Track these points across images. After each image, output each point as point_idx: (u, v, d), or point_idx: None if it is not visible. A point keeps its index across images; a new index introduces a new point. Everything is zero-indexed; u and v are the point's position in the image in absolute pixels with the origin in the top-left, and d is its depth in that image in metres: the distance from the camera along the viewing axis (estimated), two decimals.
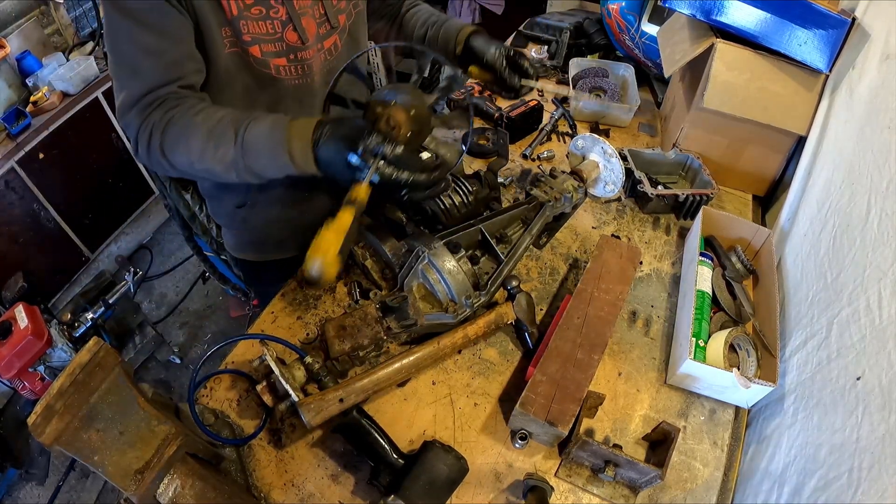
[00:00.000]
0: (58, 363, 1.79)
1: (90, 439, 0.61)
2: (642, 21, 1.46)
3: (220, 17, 0.81)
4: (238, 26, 0.82)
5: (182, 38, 0.80)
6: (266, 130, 0.76)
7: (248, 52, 0.85)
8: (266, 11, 0.83)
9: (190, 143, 0.79)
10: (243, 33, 0.83)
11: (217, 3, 0.80)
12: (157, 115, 0.80)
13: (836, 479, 0.62)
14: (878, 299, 0.66)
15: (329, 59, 0.96)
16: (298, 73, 0.92)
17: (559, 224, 1.11)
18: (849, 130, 0.91)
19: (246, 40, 0.84)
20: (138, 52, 0.78)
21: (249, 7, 0.82)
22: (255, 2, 0.82)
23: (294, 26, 0.87)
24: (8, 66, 2.14)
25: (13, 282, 2.07)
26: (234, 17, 0.81)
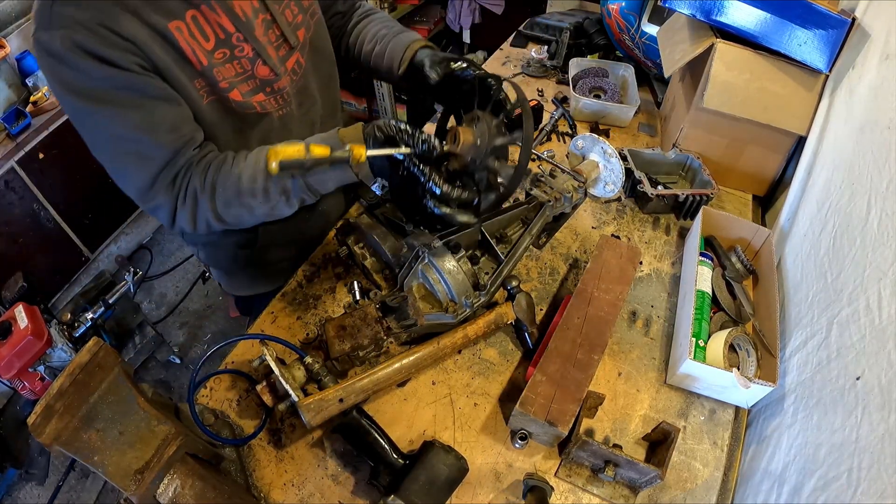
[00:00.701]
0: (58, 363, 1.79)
1: (90, 439, 0.61)
2: (642, 21, 1.46)
3: (189, 70, 0.77)
4: (212, 75, 0.78)
5: (169, 100, 0.76)
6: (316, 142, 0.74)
7: (228, 99, 0.82)
8: (231, 52, 0.79)
9: (245, 196, 0.78)
10: (219, 81, 0.79)
11: (182, 58, 0.75)
12: (195, 183, 0.78)
13: (836, 478, 0.62)
14: (877, 299, 0.66)
15: (296, 80, 0.91)
16: (280, 104, 0.89)
17: (559, 224, 1.11)
18: (849, 130, 0.91)
19: (224, 87, 0.80)
20: (132, 136, 0.74)
21: (213, 53, 0.77)
22: (215, 46, 0.77)
23: (263, 60, 0.83)
24: (8, 66, 2.14)
25: (13, 282, 2.07)
26: (204, 68, 0.77)
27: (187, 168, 0.78)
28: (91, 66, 0.68)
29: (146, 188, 0.78)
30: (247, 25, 0.80)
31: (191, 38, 0.75)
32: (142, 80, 0.72)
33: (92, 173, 2.37)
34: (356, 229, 1.07)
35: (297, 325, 1.00)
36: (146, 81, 0.73)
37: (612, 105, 1.42)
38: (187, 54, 0.75)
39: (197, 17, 0.75)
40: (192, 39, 0.75)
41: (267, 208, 0.80)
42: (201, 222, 0.81)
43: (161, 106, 0.75)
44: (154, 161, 0.76)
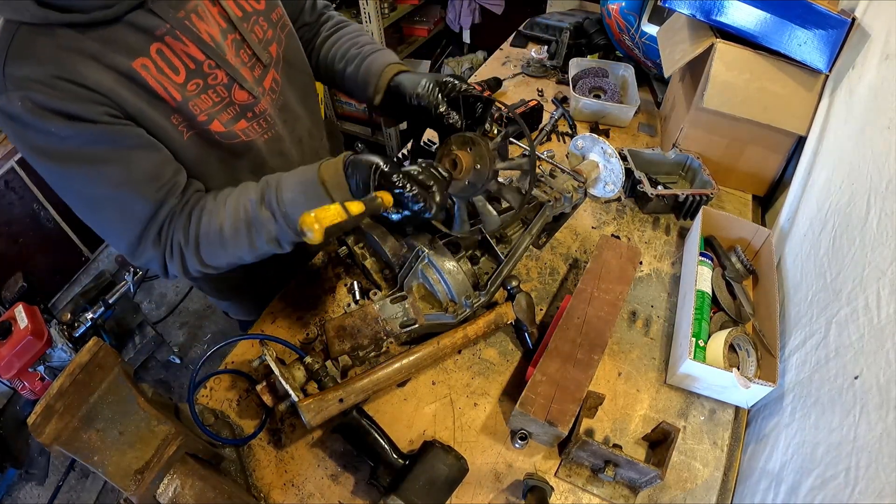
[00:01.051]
0: (58, 363, 1.79)
1: (90, 439, 0.61)
2: (642, 21, 1.46)
3: (163, 108, 0.72)
4: (188, 110, 0.73)
5: (146, 147, 0.71)
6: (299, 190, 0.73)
7: (209, 132, 0.77)
8: (204, 82, 0.74)
9: (229, 246, 0.75)
10: (197, 115, 0.75)
11: (154, 97, 0.70)
12: (178, 236, 0.75)
13: (833, 477, 0.62)
14: (876, 298, 0.66)
15: (275, 99, 0.86)
16: (264, 128, 0.85)
17: (559, 224, 1.11)
18: (848, 130, 0.91)
19: (203, 120, 0.75)
20: (111, 194, 0.70)
21: (185, 86, 0.72)
22: (186, 78, 0.72)
23: (240, 84, 0.78)
24: None
25: (13, 282, 2.07)
26: (179, 103, 0.72)
27: (170, 220, 0.75)
28: (57, 125, 0.64)
29: (134, 245, 0.75)
30: (217, 51, 0.74)
31: (159, 73, 0.70)
32: (113, 131, 0.68)
33: None
34: (356, 229, 1.07)
35: (297, 325, 1.00)
36: (118, 131, 0.68)
37: (612, 105, 1.42)
38: (158, 92, 0.70)
39: (162, 50, 0.70)
40: (160, 75, 0.70)
41: (258, 255, 0.77)
42: (192, 271, 0.78)
43: (137, 155, 0.70)
44: (137, 217, 0.72)
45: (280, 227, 0.73)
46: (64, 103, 0.64)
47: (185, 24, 0.71)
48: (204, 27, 0.73)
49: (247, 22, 0.79)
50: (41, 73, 0.62)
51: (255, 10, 0.81)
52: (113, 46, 0.66)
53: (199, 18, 0.73)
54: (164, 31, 0.69)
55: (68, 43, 0.64)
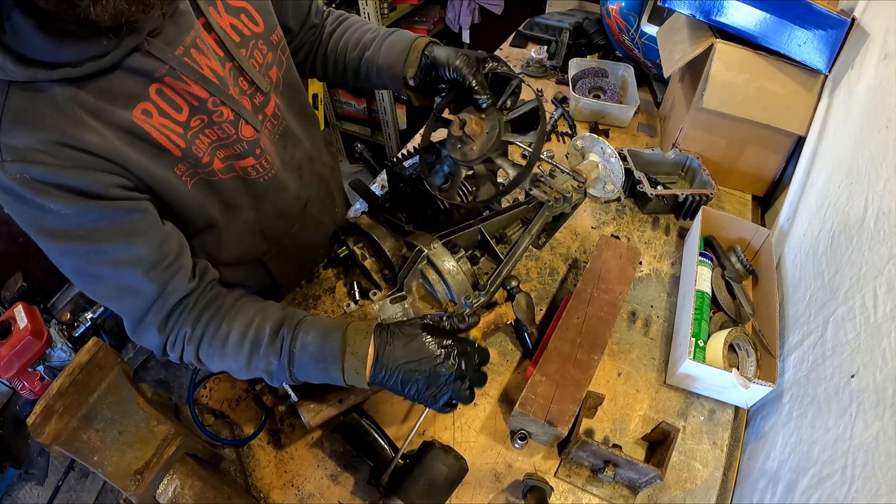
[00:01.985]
0: (57, 363, 1.79)
1: (89, 439, 0.61)
2: (642, 21, 1.46)
3: (168, 159, 0.68)
4: (192, 154, 0.69)
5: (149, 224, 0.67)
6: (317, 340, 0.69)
7: (213, 172, 0.74)
8: (209, 118, 0.70)
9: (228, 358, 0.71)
10: (201, 157, 0.71)
11: (158, 149, 0.66)
12: (185, 330, 0.71)
13: (830, 476, 0.62)
14: (873, 297, 0.66)
15: (277, 124, 0.83)
16: (266, 167, 0.81)
17: (559, 224, 1.11)
18: (847, 130, 0.91)
19: (206, 161, 0.72)
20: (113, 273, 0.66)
21: (188, 122, 0.68)
22: (189, 115, 0.68)
23: (246, 119, 0.74)
24: None
25: (12, 282, 2.07)
26: (183, 150, 0.68)
27: (182, 310, 0.71)
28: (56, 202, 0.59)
29: (136, 322, 0.70)
30: (220, 87, 0.70)
31: (161, 116, 0.65)
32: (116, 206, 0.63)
33: None
34: (356, 229, 1.07)
35: None
36: (121, 206, 0.64)
37: (612, 105, 1.42)
38: (162, 143, 0.66)
39: (163, 90, 0.65)
40: (163, 118, 0.66)
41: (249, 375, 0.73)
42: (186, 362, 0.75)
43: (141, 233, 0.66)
44: (141, 295, 0.68)
45: (281, 365, 0.70)
46: (65, 175, 0.59)
47: (185, 61, 0.66)
48: (205, 62, 0.68)
49: (245, 47, 0.74)
50: (41, 139, 0.57)
51: (254, 34, 0.76)
52: (111, 97, 0.62)
53: (198, 53, 0.67)
54: (163, 73, 0.64)
55: (65, 101, 0.58)
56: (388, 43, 0.90)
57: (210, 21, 0.69)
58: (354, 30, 0.96)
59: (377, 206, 1.10)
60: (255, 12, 0.75)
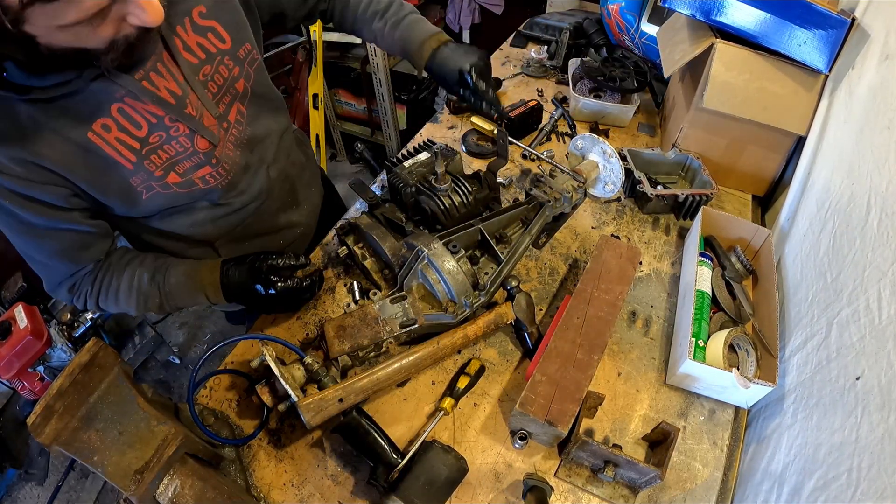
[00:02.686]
0: (57, 363, 1.79)
1: (89, 439, 0.61)
2: (642, 21, 1.46)
3: (121, 172, 0.76)
4: (144, 168, 0.78)
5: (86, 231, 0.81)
6: (183, 280, 0.89)
7: (167, 185, 0.82)
8: (167, 134, 0.78)
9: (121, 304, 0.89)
10: (153, 170, 0.79)
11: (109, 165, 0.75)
12: (84, 289, 0.87)
13: (836, 478, 0.62)
14: (877, 299, 0.66)
15: (241, 132, 0.90)
16: (223, 174, 0.88)
17: (559, 224, 1.11)
18: (848, 130, 0.91)
19: (159, 175, 0.80)
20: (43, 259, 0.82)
21: (147, 139, 0.76)
22: (149, 131, 0.76)
23: (200, 133, 0.82)
24: None
25: (13, 282, 2.07)
26: (135, 164, 0.77)
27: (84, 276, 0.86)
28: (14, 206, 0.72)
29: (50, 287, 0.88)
30: (176, 107, 0.77)
31: (120, 131, 0.73)
32: (64, 217, 0.77)
33: None
34: (356, 229, 1.07)
35: (296, 325, 1.00)
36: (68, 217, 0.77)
37: (612, 105, 1.42)
38: (115, 158, 0.74)
39: (123, 108, 0.73)
40: (121, 133, 0.74)
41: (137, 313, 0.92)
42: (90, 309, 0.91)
43: (75, 236, 0.81)
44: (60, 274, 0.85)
45: (163, 302, 0.90)
46: (30, 189, 0.71)
47: (143, 85, 0.73)
48: (163, 83, 0.75)
49: (210, 63, 0.81)
50: (8, 155, 0.67)
51: (220, 50, 0.82)
52: (72, 115, 0.70)
53: (157, 76, 0.75)
54: (122, 94, 0.72)
55: (27, 118, 0.67)
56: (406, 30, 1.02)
57: (171, 47, 0.75)
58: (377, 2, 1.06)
59: (377, 206, 1.09)
60: (222, 30, 0.82)
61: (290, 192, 1.09)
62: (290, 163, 1.08)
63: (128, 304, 0.89)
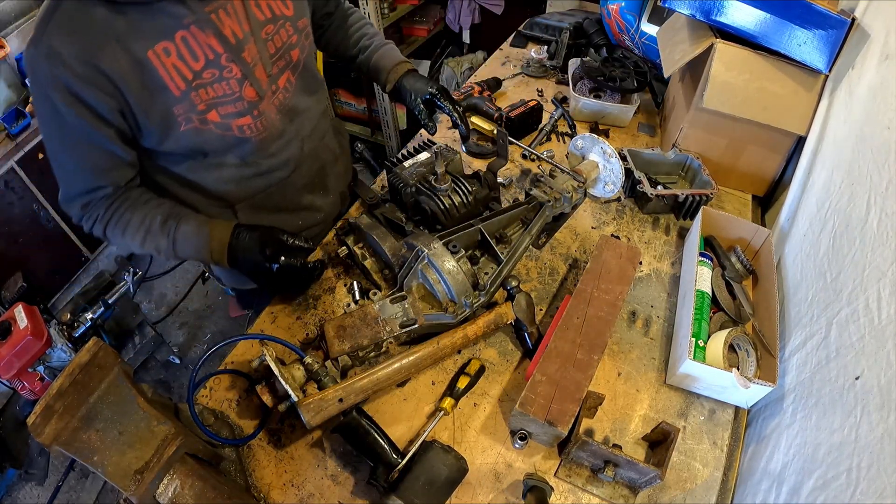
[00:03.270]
0: (57, 363, 1.79)
1: (89, 439, 0.61)
2: (642, 21, 1.46)
3: (167, 97, 0.80)
4: (189, 99, 0.81)
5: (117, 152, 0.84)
6: (193, 230, 0.91)
7: (206, 121, 0.85)
8: (219, 73, 0.83)
9: (127, 237, 0.91)
10: (197, 104, 0.82)
11: (159, 87, 0.79)
12: (97, 212, 0.90)
13: (835, 478, 0.62)
14: (877, 299, 0.66)
15: (286, 98, 0.96)
16: (262, 128, 0.93)
17: (559, 224, 1.11)
18: (848, 130, 0.91)
19: (201, 109, 0.83)
20: (74, 163, 0.85)
21: (200, 73, 0.81)
22: (204, 66, 0.81)
23: (250, 81, 0.87)
24: (8, 66, 2.14)
25: (13, 282, 2.07)
26: (183, 93, 0.80)
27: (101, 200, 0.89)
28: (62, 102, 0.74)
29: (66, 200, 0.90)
30: (236, 48, 0.83)
31: (178, 59, 0.78)
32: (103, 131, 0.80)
33: None
34: (356, 229, 1.07)
35: (296, 325, 1.00)
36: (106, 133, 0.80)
37: (612, 105, 1.42)
38: (165, 82, 0.78)
39: (186, 37, 0.78)
40: (178, 61, 0.78)
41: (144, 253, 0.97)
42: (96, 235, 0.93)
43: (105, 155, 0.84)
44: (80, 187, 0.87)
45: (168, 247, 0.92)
46: (83, 89, 0.74)
47: (211, 17, 0.79)
48: (229, 23, 0.81)
49: (273, 24, 0.88)
50: (73, 51, 0.71)
51: (284, 16, 0.89)
52: (140, 28, 0.74)
53: (225, 14, 0.81)
54: (189, 21, 0.77)
55: (101, 22, 0.72)
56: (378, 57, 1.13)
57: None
58: (355, 29, 1.17)
59: (377, 206, 1.10)
60: None
61: (319, 174, 1.13)
62: (324, 145, 1.13)
63: (133, 238, 0.91)
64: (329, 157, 1.15)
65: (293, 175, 1.06)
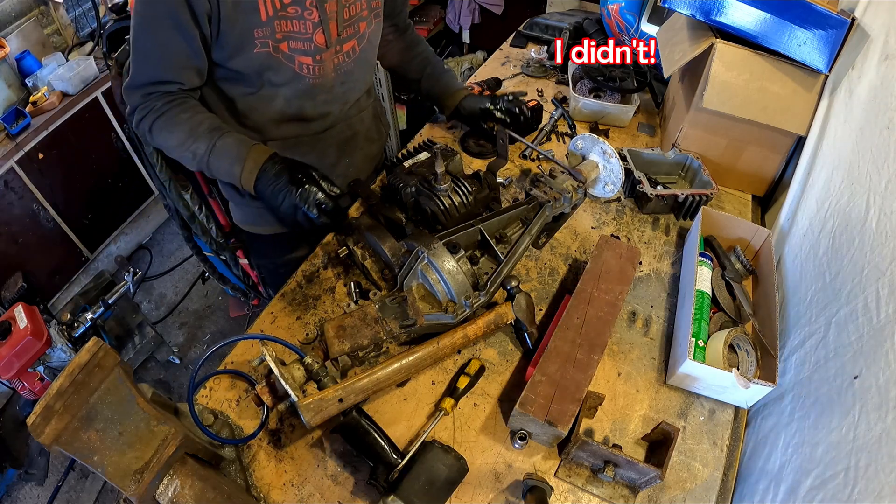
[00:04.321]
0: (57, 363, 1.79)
1: (89, 439, 0.61)
2: (642, 21, 1.46)
3: (254, 19, 0.89)
4: (272, 26, 0.91)
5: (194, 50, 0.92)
6: (234, 144, 0.97)
7: (278, 48, 0.94)
8: (300, 11, 0.92)
9: (171, 135, 0.98)
10: (276, 31, 0.92)
11: (251, 8, 0.88)
12: (155, 104, 0.96)
13: (833, 477, 0.62)
14: (875, 298, 0.66)
15: (346, 62, 1.05)
16: (318, 74, 1.02)
17: (558, 224, 1.11)
18: (848, 130, 0.91)
19: (278, 38, 0.93)
20: (154, 48, 0.92)
21: (286, 6, 0.90)
22: (291, 1, 0.90)
23: (323, 29, 0.96)
24: (7, 66, 2.14)
25: (12, 282, 2.07)
26: (269, 17, 0.90)
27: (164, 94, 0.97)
28: None
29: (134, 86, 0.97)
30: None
31: None
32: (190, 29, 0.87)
33: (91, 173, 2.38)
34: (356, 229, 1.07)
35: (296, 325, 1.00)
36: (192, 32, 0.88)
37: (612, 105, 1.42)
38: (258, 3, 0.87)
39: None
40: None
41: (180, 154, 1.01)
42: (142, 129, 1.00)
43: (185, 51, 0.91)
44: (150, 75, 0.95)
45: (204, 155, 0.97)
46: None
47: None
48: None
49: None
50: None
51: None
52: None
53: None
54: None
55: None
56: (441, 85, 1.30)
57: None
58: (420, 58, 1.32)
59: (377, 206, 1.10)
60: None
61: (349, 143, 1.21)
62: (360, 118, 1.22)
63: (177, 138, 0.98)
64: (362, 130, 1.23)
65: (327, 133, 1.14)
